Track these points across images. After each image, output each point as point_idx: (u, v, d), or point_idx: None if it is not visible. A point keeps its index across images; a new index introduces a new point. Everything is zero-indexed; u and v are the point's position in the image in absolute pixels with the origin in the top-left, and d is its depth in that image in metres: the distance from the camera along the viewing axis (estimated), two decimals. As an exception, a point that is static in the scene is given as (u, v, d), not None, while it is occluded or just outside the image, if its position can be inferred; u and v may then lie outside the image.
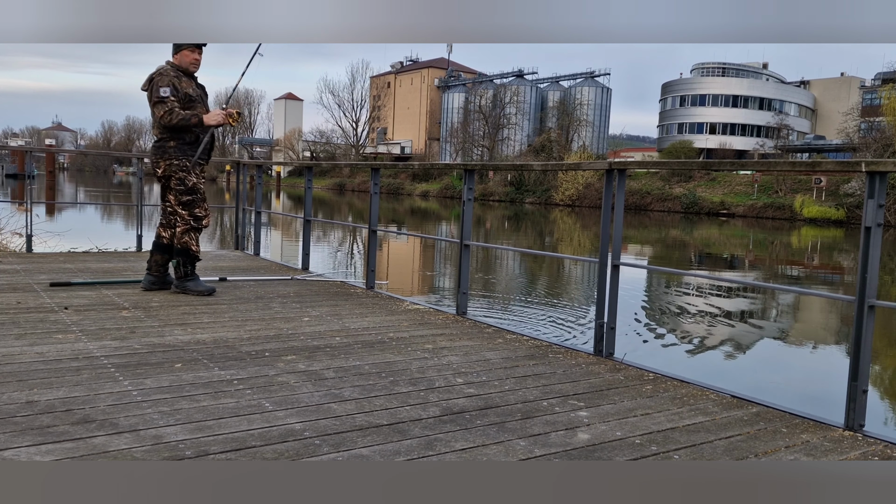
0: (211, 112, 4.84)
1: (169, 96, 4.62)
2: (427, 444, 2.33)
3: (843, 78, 64.56)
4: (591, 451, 2.34)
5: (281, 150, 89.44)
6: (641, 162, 3.91)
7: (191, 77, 4.84)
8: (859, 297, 2.68)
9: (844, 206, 35.25)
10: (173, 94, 4.64)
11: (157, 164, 4.82)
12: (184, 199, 4.83)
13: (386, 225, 26.68)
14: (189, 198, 4.83)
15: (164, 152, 4.77)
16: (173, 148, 4.76)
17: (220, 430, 2.35)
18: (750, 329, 9.24)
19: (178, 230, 4.87)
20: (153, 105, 4.64)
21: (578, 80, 71.26)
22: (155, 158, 4.82)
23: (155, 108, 4.64)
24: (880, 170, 2.59)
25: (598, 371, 3.39)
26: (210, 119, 4.77)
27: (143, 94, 4.75)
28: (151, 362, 3.14)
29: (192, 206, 4.85)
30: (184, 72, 4.77)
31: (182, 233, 4.85)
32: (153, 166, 4.88)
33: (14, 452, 2.09)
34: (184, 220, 4.85)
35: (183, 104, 4.71)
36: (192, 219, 4.86)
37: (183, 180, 4.80)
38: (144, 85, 4.76)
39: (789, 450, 2.45)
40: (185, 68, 4.78)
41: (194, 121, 4.70)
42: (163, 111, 4.62)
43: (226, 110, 4.80)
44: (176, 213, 4.87)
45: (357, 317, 4.44)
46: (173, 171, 4.79)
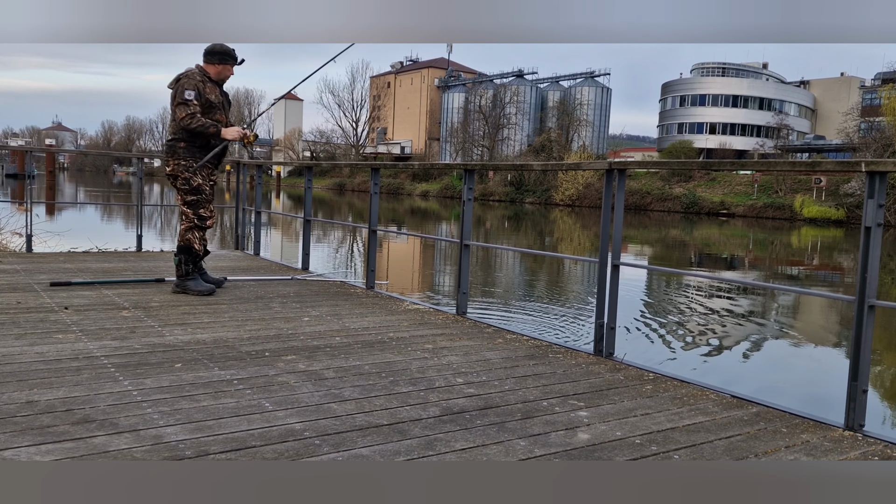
0: (231, 127, 4.96)
1: (192, 100, 4.72)
2: (427, 443, 2.33)
3: (842, 78, 64.59)
4: (591, 451, 2.34)
5: (281, 150, 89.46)
6: (641, 162, 3.92)
7: (217, 84, 4.94)
8: (859, 296, 2.68)
9: (844, 205, 35.26)
10: (196, 99, 4.74)
11: (167, 163, 4.93)
12: (188, 198, 4.90)
13: (386, 225, 26.69)
14: (194, 198, 4.89)
15: (174, 152, 4.85)
16: (183, 149, 4.83)
17: (220, 430, 2.35)
18: (750, 329, 9.24)
19: (182, 227, 4.94)
20: (176, 105, 4.73)
21: (578, 80, 71.28)
22: (165, 157, 4.92)
23: (177, 109, 4.72)
24: (880, 170, 2.59)
25: (598, 371, 3.40)
26: (227, 133, 4.89)
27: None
28: (151, 362, 3.14)
29: (197, 207, 4.91)
30: (210, 78, 4.87)
31: (185, 230, 4.91)
32: (164, 164, 5.01)
33: (14, 452, 2.09)
34: (188, 219, 4.92)
35: (203, 109, 4.79)
36: (197, 218, 4.92)
37: (188, 180, 4.86)
38: (171, 83, 4.85)
39: (789, 450, 2.45)
40: (214, 77, 4.88)
41: (212, 130, 4.79)
42: (185, 113, 4.70)
43: (244, 131, 4.94)
44: (183, 212, 4.94)
45: (357, 317, 4.45)
46: (180, 171, 4.86)
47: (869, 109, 48.96)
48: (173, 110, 4.74)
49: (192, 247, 4.88)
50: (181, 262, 4.89)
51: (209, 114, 4.82)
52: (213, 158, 4.90)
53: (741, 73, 63.48)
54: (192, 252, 4.90)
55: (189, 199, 4.88)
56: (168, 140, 4.94)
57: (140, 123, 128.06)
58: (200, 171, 4.87)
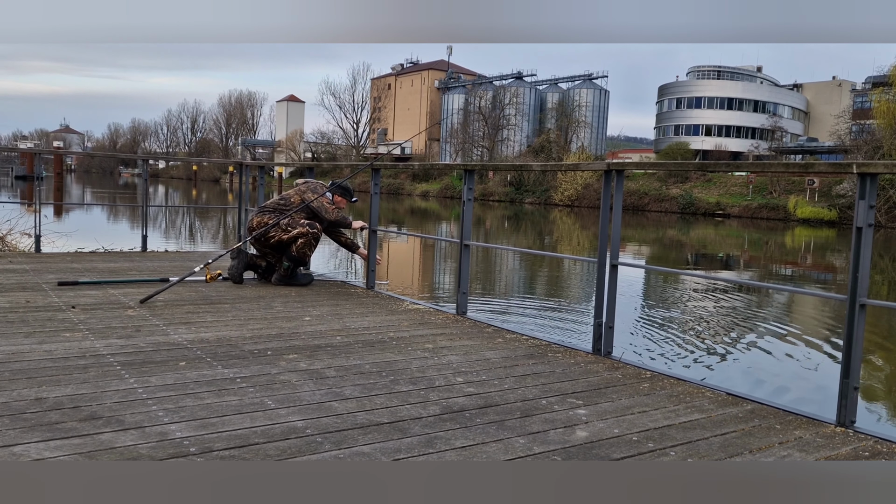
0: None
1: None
2: (427, 441, 2.37)
3: (834, 81, 64.72)
4: (590, 449, 2.38)
5: (283, 152, 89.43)
6: (639, 163, 3.95)
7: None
8: (851, 296, 2.73)
9: (837, 206, 35.38)
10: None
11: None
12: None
13: (386, 225, 26.71)
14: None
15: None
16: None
17: (223, 428, 2.40)
18: (745, 328, 9.29)
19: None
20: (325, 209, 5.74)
21: (577, 81, 71.34)
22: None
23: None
24: (871, 171, 2.64)
25: (596, 370, 3.44)
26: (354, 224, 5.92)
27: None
28: (156, 360, 3.18)
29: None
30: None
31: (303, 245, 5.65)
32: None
33: (24, 448, 2.13)
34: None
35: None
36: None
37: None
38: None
39: (783, 446, 2.50)
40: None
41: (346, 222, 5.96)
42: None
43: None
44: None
45: (357, 316, 4.49)
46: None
47: (860, 112, 49.15)
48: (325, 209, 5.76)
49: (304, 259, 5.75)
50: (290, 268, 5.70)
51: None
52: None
53: (736, 76, 63.60)
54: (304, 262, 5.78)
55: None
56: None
57: (145, 126, 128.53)
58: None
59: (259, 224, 5.61)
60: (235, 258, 5.70)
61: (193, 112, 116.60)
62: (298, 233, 5.58)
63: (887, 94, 39.75)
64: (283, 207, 5.69)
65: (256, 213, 5.74)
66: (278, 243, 5.63)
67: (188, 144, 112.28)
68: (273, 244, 5.63)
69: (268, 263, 5.78)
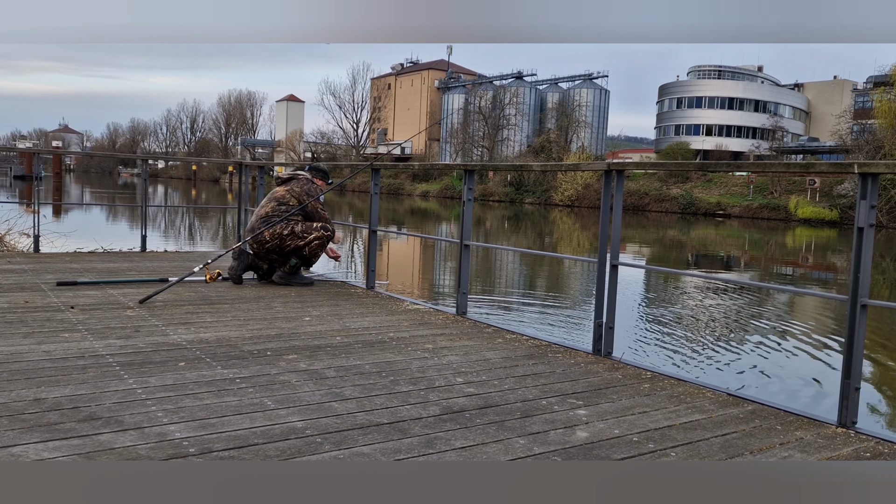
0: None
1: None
2: (427, 442, 2.37)
3: (835, 81, 64.72)
4: (590, 449, 2.38)
5: (282, 151, 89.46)
6: (639, 163, 3.95)
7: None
8: (852, 296, 2.72)
9: (838, 206, 35.38)
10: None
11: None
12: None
13: (386, 225, 26.70)
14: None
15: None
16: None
17: (223, 428, 2.39)
18: (745, 328, 9.28)
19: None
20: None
21: (577, 81, 71.35)
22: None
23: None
24: (872, 171, 2.63)
25: (596, 370, 3.43)
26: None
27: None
28: (155, 361, 3.18)
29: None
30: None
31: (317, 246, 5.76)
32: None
33: (22, 449, 2.13)
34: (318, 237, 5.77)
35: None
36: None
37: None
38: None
39: (784, 447, 2.49)
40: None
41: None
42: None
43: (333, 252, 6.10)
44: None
45: (357, 317, 4.48)
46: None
47: (861, 112, 49.20)
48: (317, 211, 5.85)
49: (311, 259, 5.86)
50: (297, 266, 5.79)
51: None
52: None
53: (737, 75, 63.59)
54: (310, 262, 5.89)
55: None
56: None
57: (144, 125, 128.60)
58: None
59: (273, 236, 5.59)
60: (237, 259, 5.69)
61: (193, 112, 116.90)
62: (315, 237, 5.69)
63: (889, 93, 39.82)
64: (285, 213, 5.68)
65: (267, 228, 5.60)
66: (294, 250, 5.69)
67: (187, 144, 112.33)
68: (289, 251, 5.69)
69: (269, 265, 5.79)
